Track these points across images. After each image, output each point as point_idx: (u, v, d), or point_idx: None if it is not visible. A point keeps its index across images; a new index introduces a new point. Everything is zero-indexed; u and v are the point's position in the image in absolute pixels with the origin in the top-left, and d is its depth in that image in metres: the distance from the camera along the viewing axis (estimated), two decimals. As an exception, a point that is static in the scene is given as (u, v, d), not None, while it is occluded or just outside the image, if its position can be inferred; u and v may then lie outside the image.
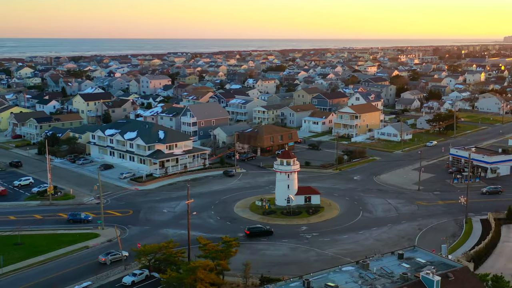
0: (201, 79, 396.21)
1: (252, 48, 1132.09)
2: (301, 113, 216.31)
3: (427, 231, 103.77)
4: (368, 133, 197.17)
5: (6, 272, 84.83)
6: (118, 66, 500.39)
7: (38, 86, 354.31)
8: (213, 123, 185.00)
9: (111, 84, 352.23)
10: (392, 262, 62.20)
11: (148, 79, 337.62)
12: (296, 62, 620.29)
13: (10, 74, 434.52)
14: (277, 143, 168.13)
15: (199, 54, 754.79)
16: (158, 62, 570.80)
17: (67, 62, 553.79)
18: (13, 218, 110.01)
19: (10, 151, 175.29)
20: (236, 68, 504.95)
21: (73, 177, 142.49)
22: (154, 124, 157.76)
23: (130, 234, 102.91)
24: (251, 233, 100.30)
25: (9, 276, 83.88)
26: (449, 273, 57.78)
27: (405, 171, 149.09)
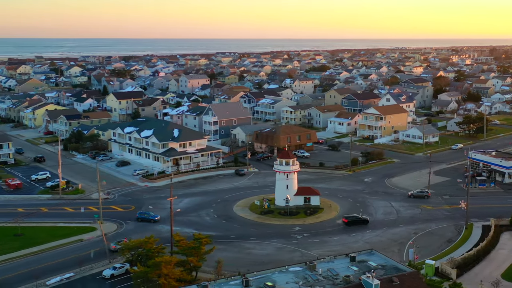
0: (241, 78, 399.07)
1: (306, 48, 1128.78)
2: (328, 113, 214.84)
3: (422, 235, 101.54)
4: (393, 134, 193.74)
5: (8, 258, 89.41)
6: (165, 65, 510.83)
7: (83, 84, 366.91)
8: (235, 123, 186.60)
9: (152, 83, 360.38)
10: (343, 264, 61.67)
11: (186, 78, 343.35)
12: (343, 62, 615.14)
13: (62, 73, 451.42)
14: (294, 143, 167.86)
15: (246, 54, 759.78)
16: (204, 62, 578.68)
17: (117, 62, 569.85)
18: (21, 210, 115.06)
19: (39, 146, 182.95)
20: (280, 68, 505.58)
21: (89, 173, 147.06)
22: (170, 123, 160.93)
23: (126, 229, 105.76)
24: (348, 222, 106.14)
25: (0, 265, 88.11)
26: (394, 277, 56.81)
27: (420, 174, 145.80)
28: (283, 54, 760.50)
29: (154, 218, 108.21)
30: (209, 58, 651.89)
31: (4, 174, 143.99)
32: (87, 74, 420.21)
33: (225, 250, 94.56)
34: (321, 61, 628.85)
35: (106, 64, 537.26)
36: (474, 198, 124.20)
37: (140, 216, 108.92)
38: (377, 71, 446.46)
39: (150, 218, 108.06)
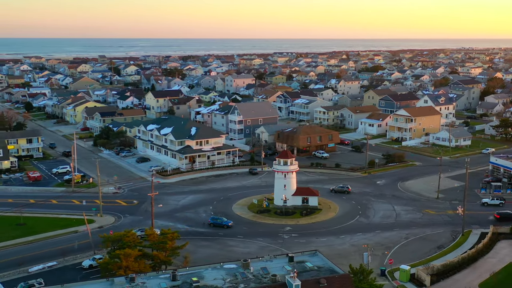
0: (290, 78, 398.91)
1: (373, 48, 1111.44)
2: (360, 114, 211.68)
3: (413, 240, 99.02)
4: (423, 137, 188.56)
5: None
6: (219, 65, 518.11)
7: (134, 83, 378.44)
8: (260, 122, 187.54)
9: (200, 83, 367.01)
10: (280, 264, 61.58)
11: (232, 78, 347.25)
12: (401, 62, 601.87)
13: (118, 72, 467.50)
14: (314, 144, 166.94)
15: (304, 54, 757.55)
16: (259, 62, 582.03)
17: (175, 61, 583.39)
18: (32, 201, 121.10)
19: (72, 141, 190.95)
20: (333, 68, 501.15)
21: (110, 168, 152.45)
22: (189, 121, 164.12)
23: (123, 222, 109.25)
24: (500, 217, 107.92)
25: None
26: (322, 279, 56.28)
27: (435, 178, 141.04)
28: (342, 54, 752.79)
29: (227, 224, 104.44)
30: (265, 58, 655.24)
31: (30, 167, 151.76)
32: (141, 73, 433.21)
33: (209, 246, 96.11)
34: (379, 61, 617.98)
35: (163, 63, 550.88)
36: (484, 205, 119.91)
37: (212, 222, 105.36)
38: (433, 71, 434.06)
39: (223, 224, 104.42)
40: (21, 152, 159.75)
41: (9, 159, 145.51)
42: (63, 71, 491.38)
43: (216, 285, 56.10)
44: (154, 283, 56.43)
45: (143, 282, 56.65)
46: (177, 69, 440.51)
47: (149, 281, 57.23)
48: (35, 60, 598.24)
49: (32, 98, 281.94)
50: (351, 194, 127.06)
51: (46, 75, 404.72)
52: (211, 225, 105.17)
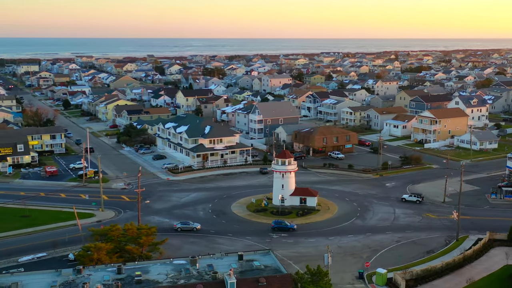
0: (329, 79, 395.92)
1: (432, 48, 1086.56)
2: (386, 115, 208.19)
3: (403, 244, 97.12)
4: (448, 139, 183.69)
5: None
6: (262, 65, 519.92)
7: (174, 82, 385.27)
8: (281, 122, 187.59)
9: (237, 82, 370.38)
10: (228, 262, 62.12)
11: (268, 77, 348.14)
12: (451, 63, 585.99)
13: (162, 71, 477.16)
14: (331, 145, 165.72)
15: (351, 54, 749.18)
16: (303, 62, 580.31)
17: (219, 61, 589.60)
18: (42, 194, 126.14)
19: (99, 138, 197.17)
20: (378, 68, 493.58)
21: (126, 164, 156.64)
22: (204, 119, 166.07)
23: (122, 217, 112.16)
24: None
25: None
26: (261, 278, 56.52)
27: (449, 182, 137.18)
28: (390, 54, 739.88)
29: (292, 227, 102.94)
30: (310, 58, 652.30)
31: (51, 161, 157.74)
32: (182, 72, 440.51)
33: (196, 243, 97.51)
34: (427, 61, 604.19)
35: (207, 63, 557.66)
36: (492, 210, 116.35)
37: (276, 226, 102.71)
38: (480, 72, 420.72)
39: (288, 227, 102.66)
40: (45, 147, 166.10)
41: (30, 154, 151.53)
42: (110, 70, 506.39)
43: (157, 279, 57.32)
44: (99, 275, 58.24)
45: (89, 274, 58.56)
46: (218, 69, 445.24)
47: (95, 274, 59.10)
48: (85, 59, 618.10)
49: (72, 96, 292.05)
50: (358, 196, 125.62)
51: (91, 74, 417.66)
52: (275, 229, 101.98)
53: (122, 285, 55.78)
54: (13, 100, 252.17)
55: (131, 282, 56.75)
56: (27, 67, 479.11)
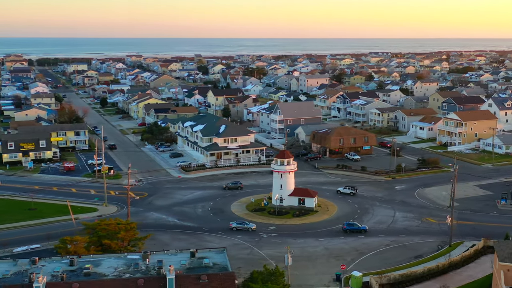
0: (369, 79, 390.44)
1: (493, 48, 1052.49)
2: (413, 117, 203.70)
3: (393, 248, 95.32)
4: (474, 142, 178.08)
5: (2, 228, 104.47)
6: (306, 65, 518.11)
7: (213, 81, 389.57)
8: (302, 122, 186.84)
9: (276, 82, 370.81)
10: (180, 258, 63.10)
11: (305, 78, 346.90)
12: (504, 64, 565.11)
13: (205, 71, 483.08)
14: (348, 146, 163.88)
15: (400, 54, 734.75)
16: (349, 62, 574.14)
17: (265, 61, 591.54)
18: (55, 189, 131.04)
19: (125, 135, 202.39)
20: (425, 68, 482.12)
21: (143, 161, 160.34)
22: (220, 119, 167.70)
23: (123, 212, 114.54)
24: None
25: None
26: (203, 275, 57.20)
27: (463, 186, 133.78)
28: (442, 54, 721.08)
29: (364, 229, 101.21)
30: (357, 58, 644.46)
31: (72, 157, 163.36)
32: (223, 72, 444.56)
33: (184, 240, 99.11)
34: (479, 62, 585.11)
35: (251, 63, 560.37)
36: (498, 216, 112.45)
37: (348, 228, 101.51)
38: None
39: (361, 229, 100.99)
40: (69, 143, 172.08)
41: (51, 150, 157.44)
42: (156, 69, 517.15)
43: (104, 273, 58.99)
44: (52, 267, 60.46)
45: (43, 265, 60.88)
46: (259, 68, 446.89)
47: (49, 265, 61.39)
48: (135, 59, 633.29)
49: (110, 94, 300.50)
50: (357, 197, 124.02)
51: (135, 73, 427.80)
52: (347, 231, 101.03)
53: (69, 276, 57.84)
54: (52, 98, 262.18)
55: (79, 274, 58.72)
56: (76, 66, 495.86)
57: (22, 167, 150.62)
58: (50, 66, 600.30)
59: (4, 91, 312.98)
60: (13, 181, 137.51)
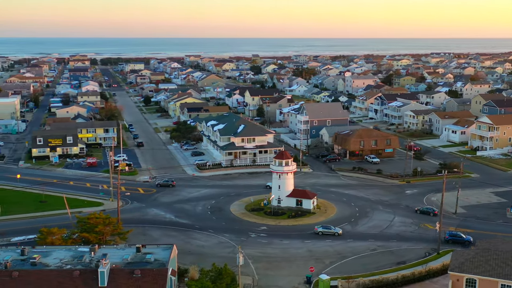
0: (422, 80, 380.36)
1: None
2: (448, 120, 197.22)
3: (378, 253, 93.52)
4: (508, 147, 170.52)
5: (4, 218, 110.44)
6: (360, 65, 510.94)
7: (260, 81, 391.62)
8: (328, 123, 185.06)
9: (323, 83, 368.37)
10: (126, 253, 64.96)
11: (351, 78, 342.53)
12: None
13: (259, 71, 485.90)
14: (368, 148, 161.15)
15: (463, 55, 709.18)
16: (406, 62, 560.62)
17: (321, 61, 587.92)
18: (71, 183, 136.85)
19: (157, 134, 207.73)
20: (486, 70, 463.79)
21: (164, 159, 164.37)
22: (240, 119, 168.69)
23: (126, 208, 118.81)
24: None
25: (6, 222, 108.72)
26: (137, 270, 58.85)
27: (478, 193, 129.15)
28: (507, 55, 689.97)
29: (469, 240, 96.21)
30: (416, 59, 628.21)
31: (97, 153, 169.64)
32: (276, 72, 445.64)
33: (173, 236, 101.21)
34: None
35: (305, 63, 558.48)
36: (503, 225, 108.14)
37: (450, 238, 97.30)
38: None
39: (464, 240, 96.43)
40: (98, 140, 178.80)
41: (78, 146, 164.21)
42: (211, 69, 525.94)
43: (48, 263, 61.73)
44: (4, 255, 63.87)
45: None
46: (308, 69, 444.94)
47: (4, 253, 64.89)
48: (193, 59, 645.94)
49: (156, 93, 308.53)
50: (361, 200, 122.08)
51: (187, 72, 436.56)
52: (450, 242, 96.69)
53: (15, 265, 61.02)
54: (98, 96, 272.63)
55: (26, 263, 61.84)
56: (133, 66, 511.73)
57: (48, 161, 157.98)
58: (112, 66, 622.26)
59: (58, 89, 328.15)
60: (35, 174, 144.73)
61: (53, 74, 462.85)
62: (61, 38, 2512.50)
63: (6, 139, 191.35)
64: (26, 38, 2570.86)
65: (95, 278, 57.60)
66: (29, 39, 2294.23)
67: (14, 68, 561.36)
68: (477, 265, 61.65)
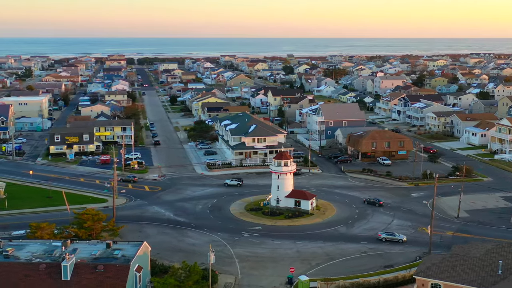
0: (455, 81, 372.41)
1: None
2: (469, 122, 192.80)
3: (367, 255, 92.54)
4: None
5: (11, 213, 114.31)
6: (393, 66, 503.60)
7: (289, 81, 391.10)
8: (344, 124, 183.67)
9: (352, 83, 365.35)
10: (96, 248, 66.50)
11: (379, 79, 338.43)
12: None
13: (290, 71, 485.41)
14: (381, 150, 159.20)
15: (504, 55, 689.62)
16: (442, 63, 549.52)
17: (356, 61, 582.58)
18: (82, 180, 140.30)
19: (177, 132, 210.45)
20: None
21: (177, 157, 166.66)
22: (252, 119, 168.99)
23: (128, 204, 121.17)
24: None
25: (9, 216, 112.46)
26: (100, 265, 60.29)
27: (486, 197, 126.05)
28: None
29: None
30: (454, 59, 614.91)
31: (113, 151, 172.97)
32: (307, 72, 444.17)
33: (167, 234, 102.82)
34: None
35: (338, 63, 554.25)
36: (504, 231, 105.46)
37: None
38: None
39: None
40: (116, 138, 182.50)
41: (94, 143, 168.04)
42: (244, 69, 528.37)
43: (19, 256, 63.81)
44: (-21, 248, 66.56)
45: (-27, 246, 67.13)
46: (340, 69, 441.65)
47: (-20, 247, 67.54)
48: (228, 59, 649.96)
49: (184, 93, 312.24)
50: (359, 201, 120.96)
51: (218, 72, 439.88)
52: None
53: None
54: (124, 95, 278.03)
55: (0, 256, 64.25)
56: (167, 65, 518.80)
57: (64, 158, 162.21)
58: (147, 65, 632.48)
59: (90, 88, 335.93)
60: (50, 171, 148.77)
61: (89, 74, 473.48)
62: (105, 38, 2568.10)
63: (30, 136, 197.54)
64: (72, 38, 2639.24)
65: (60, 272, 59.31)
66: (73, 39, 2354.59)
67: (53, 67, 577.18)
68: (443, 270, 60.39)
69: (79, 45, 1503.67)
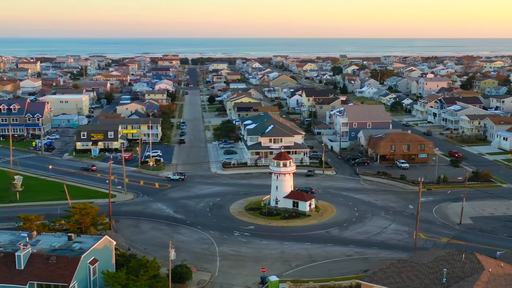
0: (506, 83, 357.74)
1: None
2: (502, 126, 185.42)
3: (351, 259, 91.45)
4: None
5: (21, 205, 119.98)
6: (446, 67, 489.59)
7: (332, 82, 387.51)
8: (369, 126, 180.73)
9: (397, 84, 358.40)
10: (57, 240, 69.36)
11: (424, 80, 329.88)
12: None
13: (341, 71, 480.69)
14: (400, 152, 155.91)
15: None
16: (499, 65, 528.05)
17: (408, 62, 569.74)
18: (99, 176, 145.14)
19: (206, 131, 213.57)
20: None
21: (196, 156, 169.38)
22: (271, 119, 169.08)
23: (135, 200, 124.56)
24: None
25: (17, 208, 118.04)
26: (52, 256, 62.92)
27: (498, 204, 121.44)
28: None
29: None
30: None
31: (135, 149, 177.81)
32: (355, 73, 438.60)
33: (160, 230, 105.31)
34: None
35: (388, 64, 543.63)
36: (505, 239, 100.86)
37: None
38: None
39: None
40: (142, 136, 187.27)
41: (119, 140, 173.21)
42: (293, 69, 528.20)
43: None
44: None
45: None
46: (388, 70, 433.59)
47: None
48: (280, 59, 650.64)
49: (223, 92, 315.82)
50: (366, 205, 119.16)
51: (265, 73, 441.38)
52: None
53: (-43, 246, 67.51)
54: (164, 94, 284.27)
55: (-31, 245, 68.20)
56: (216, 65, 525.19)
57: (89, 154, 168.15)
58: (200, 65, 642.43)
59: (135, 87, 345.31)
60: (70, 166, 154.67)
61: (140, 73, 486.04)
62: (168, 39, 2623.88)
63: (65, 133, 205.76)
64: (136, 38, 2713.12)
65: (15, 261, 62.37)
66: (138, 40, 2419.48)
67: (110, 66, 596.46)
68: (388, 276, 59.08)
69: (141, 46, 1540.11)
